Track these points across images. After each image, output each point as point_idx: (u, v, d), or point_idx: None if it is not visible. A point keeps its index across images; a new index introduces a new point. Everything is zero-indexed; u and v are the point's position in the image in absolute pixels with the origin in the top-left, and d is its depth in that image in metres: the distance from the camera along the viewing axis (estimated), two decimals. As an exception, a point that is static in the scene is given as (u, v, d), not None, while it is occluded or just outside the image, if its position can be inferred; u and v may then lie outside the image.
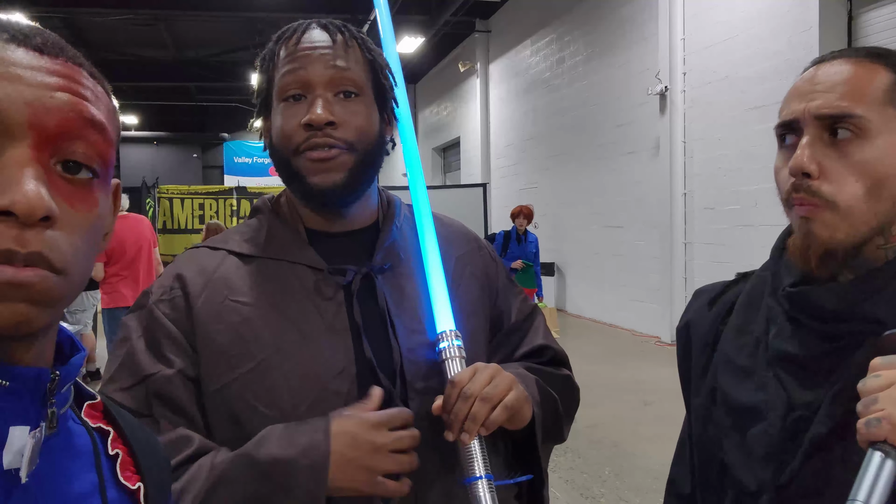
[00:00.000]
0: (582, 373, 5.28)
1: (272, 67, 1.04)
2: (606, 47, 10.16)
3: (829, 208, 0.83)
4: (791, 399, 0.87)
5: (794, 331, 0.90)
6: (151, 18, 13.21)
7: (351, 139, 1.00)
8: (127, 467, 0.62)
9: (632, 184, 9.48)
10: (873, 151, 0.82)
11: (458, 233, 1.22)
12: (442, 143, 18.69)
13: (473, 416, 0.95)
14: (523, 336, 1.20)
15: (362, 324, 1.02)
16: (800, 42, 6.38)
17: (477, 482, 0.94)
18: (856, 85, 0.83)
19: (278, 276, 1.03)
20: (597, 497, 4.16)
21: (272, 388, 0.97)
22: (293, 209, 1.09)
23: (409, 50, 14.00)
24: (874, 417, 0.72)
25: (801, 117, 0.86)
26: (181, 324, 1.00)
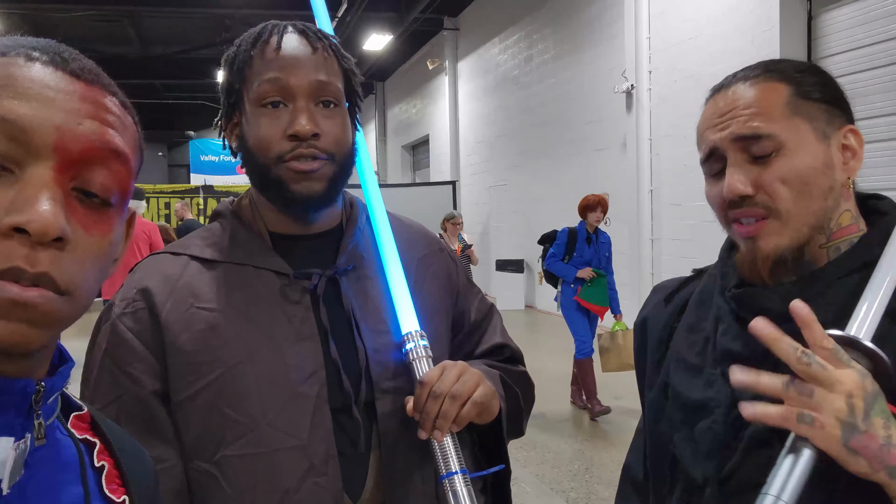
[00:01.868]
0: (553, 370, 5.33)
1: (246, 69, 1.02)
2: (574, 45, 10.24)
3: (771, 216, 0.88)
4: (735, 396, 0.89)
5: (740, 330, 0.92)
6: (116, 14, 13.02)
7: (332, 150, 1.01)
8: (113, 480, 0.62)
9: (601, 180, 9.56)
10: (795, 159, 0.88)
11: (420, 234, 1.24)
12: (411, 141, 18.68)
13: (444, 414, 0.97)
14: (482, 335, 1.23)
15: (329, 327, 1.03)
16: (762, 41, 6.50)
17: (453, 477, 0.96)
18: (759, 105, 0.89)
19: (244, 282, 1.03)
20: (566, 491, 4.21)
21: (242, 393, 0.97)
22: (256, 213, 1.09)
23: (378, 47, 13.98)
24: (810, 415, 0.75)
25: (720, 144, 0.91)
26: (145, 336, 0.99)
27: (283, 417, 0.97)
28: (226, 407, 0.96)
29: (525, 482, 4.33)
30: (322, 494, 0.97)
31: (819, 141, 0.89)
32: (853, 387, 0.75)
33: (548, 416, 5.68)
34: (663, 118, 8.18)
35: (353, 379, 1.02)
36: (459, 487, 0.96)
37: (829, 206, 0.89)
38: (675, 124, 7.92)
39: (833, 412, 0.74)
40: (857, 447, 0.74)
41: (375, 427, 1.03)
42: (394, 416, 1.03)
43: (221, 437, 0.96)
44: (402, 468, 1.03)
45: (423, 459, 1.04)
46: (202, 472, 0.97)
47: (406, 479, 1.03)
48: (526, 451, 4.85)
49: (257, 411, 0.96)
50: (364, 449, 1.02)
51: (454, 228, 7.34)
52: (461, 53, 14.93)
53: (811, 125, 0.89)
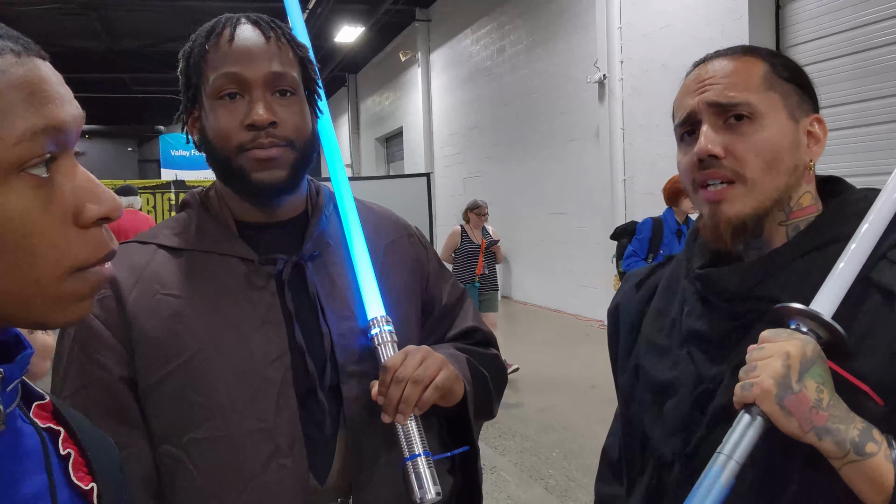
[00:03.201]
0: (531, 360, 5.38)
1: (202, 63, 1.04)
2: (547, 36, 10.27)
3: (738, 181, 0.92)
4: (699, 374, 0.95)
5: (704, 310, 0.98)
6: (82, 8, 12.78)
7: (291, 137, 1.03)
8: (80, 468, 0.62)
9: (575, 171, 9.62)
10: (766, 132, 0.92)
11: (388, 220, 1.26)
12: (384, 133, 18.61)
13: (406, 398, 0.99)
14: (454, 319, 1.25)
15: (294, 312, 1.05)
16: (732, 31, 6.57)
17: (416, 459, 0.99)
18: (739, 76, 0.95)
19: (210, 269, 1.05)
20: (546, 478, 4.25)
21: (208, 378, 0.99)
22: (222, 202, 1.11)
23: (349, 39, 13.89)
24: (748, 382, 0.81)
25: (696, 108, 0.96)
26: (112, 324, 1.01)
27: (249, 401, 0.99)
28: (192, 392, 0.99)
29: (504, 470, 4.37)
30: (288, 476, 0.99)
31: (789, 120, 0.94)
32: (792, 350, 0.80)
33: (526, 406, 5.71)
34: (636, 108, 8.24)
35: (318, 363, 1.04)
36: (422, 469, 0.98)
37: (790, 183, 0.94)
38: (647, 114, 7.98)
39: (770, 372, 0.80)
40: (790, 406, 0.79)
41: (342, 410, 1.05)
42: (360, 400, 1.05)
43: (188, 422, 0.98)
44: (368, 451, 1.05)
45: (388, 442, 1.06)
46: (170, 456, 0.99)
47: (372, 461, 1.06)
48: (505, 440, 4.89)
49: (223, 395, 0.99)
50: (330, 432, 1.04)
51: (478, 220, 6.70)
52: (433, 45, 14.89)
53: (784, 102, 0.95)
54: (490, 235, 6.72)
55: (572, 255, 9.83)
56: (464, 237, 6.61)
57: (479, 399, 1.14)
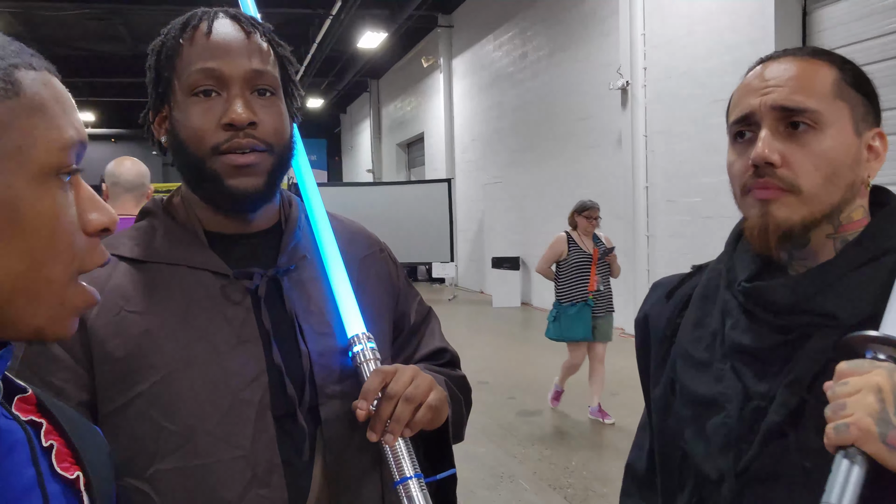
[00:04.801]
0: (549, 366, 5.32)
1: (176, 58, 0.96)
2: (568, 42, 10.24)
3: (792, 193, 0.87)
4: (747, 390, 0.90)
5: (749, 324, 0.93)
6: (106, 12, 12.95)
7: (270, 140, 0.96)
8: (64, 458, 0.62)
9: (595, 177, 9.57)
10: (828, 142, 0.87)
11: (360, 235, 1.20)
12: (406, 139, 18.67)
13: (398, 417, 0.93)
14: (421, 338, 1.19)
15: (271, 329, 0.98)
16: (757, 37, 6.50)
17: (408, 482, 0.93)
18: (806, 80, 0.88)
19: (179, 283, 0.97)
20: (564, 487, 4.20)
21: (178, 402, 0.91)
22: (190, 210, 1.02)
23: (372, 45, 13.95)
24: (843, 423, 0.74)
25: (757, 111, 0.89)
26: (70, 344, 0.91)
27: (223, 426, 0.91)
28: (160, 417, 0.90)
29: (523, 479, 4.33)
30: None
31: (854, 133, 0.89)
32: (882, 382, 0.75)
33: (545, 415, 5.67)
34: (658, 115, 8.18)
35: (296, 384, 0.97)
36: (415, 492, 0.92)
37: (845, 198, 0.89)
38: (669, 121, 7.92)
39: (864, 410, 0.73)
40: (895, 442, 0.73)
41: (320, 433, 0.98)
42: (339, 422, 0.98)
43: (155, 451, 0.90)
44: (347, 475, 0.99)
45: (369, 465, 1.01)
46: (133, 490, 0.90)
47: (352, 485, 1.00)
48: (523, 448, 4.85)
49: (195, 420, 0.90)
50: (308, 456, 0.97)
51: (588, 224, 5.42)
52: (455, 51, 14.91)
53: (851, 113, 0.89)
54: (603, 243, 5.49)
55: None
56: (571, 246, 5.42)
57: (456, 422, 1.09)
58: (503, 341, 9.02)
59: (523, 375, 7.01)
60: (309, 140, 24.53)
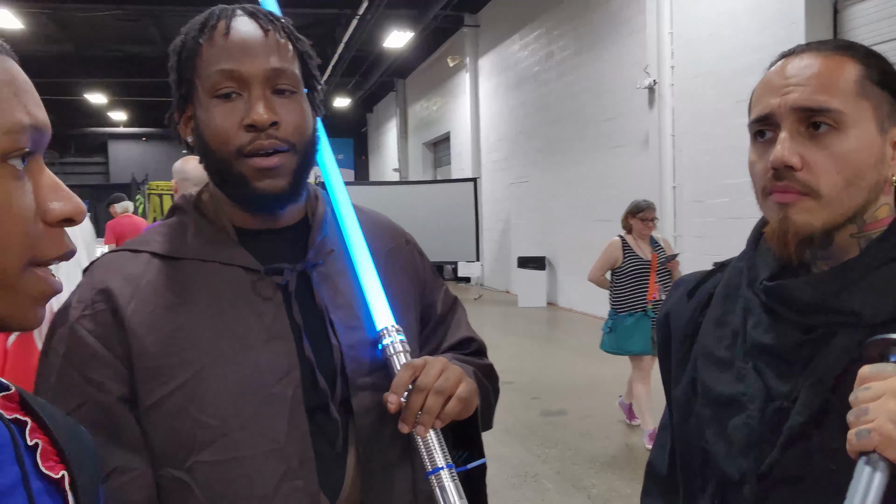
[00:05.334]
0: (574, 366, 5.32)
1: (196, 59, 0.97)
2: (595, 41, 10.19)
3: (811, 196, 0.85)
4: (770, 390, 0.90)
5: (772, 322, 0.92)
6: (138, 14, 13.14)
7: (292, 139, 0.97)
8: (49, 457, 0.60)
9: (621, 177, 9.51)
10: (851, 143, 0.84)
11: (386, 227, 1.21)
12: (432, 138, 18.70)
13: (429, 409, 0.94)
14: (448, 328, 1.20)
15: (302, 324, 0.99)
16: (786, 35, 6.42)
17: (440, 472, 0.94)
18: (828, 78, 0.85)
19: (211, 279, 0.98)
20: (588, 487, 4.20)
21: (213, 396, 0.93)
22: (219, 207, 1.04)
23: (398, 45, 14.00)
24: (864, 428, 0.73)
25: (777, 111, 0.87)
26: (109, 340, 0.93)
27: (257, 420, 0.93)
28: (196, 411, 0.92)
29: (546, 478, 4.34)
30: (299, 498, 0.94)
31: (878, 132, 0.86)
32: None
33: (569, 414, 5.66)
34: (685, 114, 8.12)
35: (328, 377, 0.99)
36: (447, 482, 0.94)
37: (869, 199, 0.87)
38: (697, 120, 7.85)
39: (888, 415, 0.72)
40: None
41: (352, 425, 1.00)
42: (370, 413, 1.00)
43: (192, 444, 0.92)
44: (379, 465, 1.01)
45: (400, 455, 1.03)
46: (173, 481, 0.92)
47: (384, 475, 1.01)
48: (547, 448, 4.85)
49: (229, 414, 0.92)
50: (341, 448, 0.99)
51: (643, 227, 4.95)
52: (481, 50, 14.91)
53: (875, 112, 0.86)
54: (661, 246, 5.09)
55: (618, 263, 9.71)
56: (626, 252, 4.95)
57: (484, 411, 1.11)
58: (528, 341, 9.01)
59: (548, 376, 7.00)
60: (336, 139, 24.66)
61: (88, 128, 24.76)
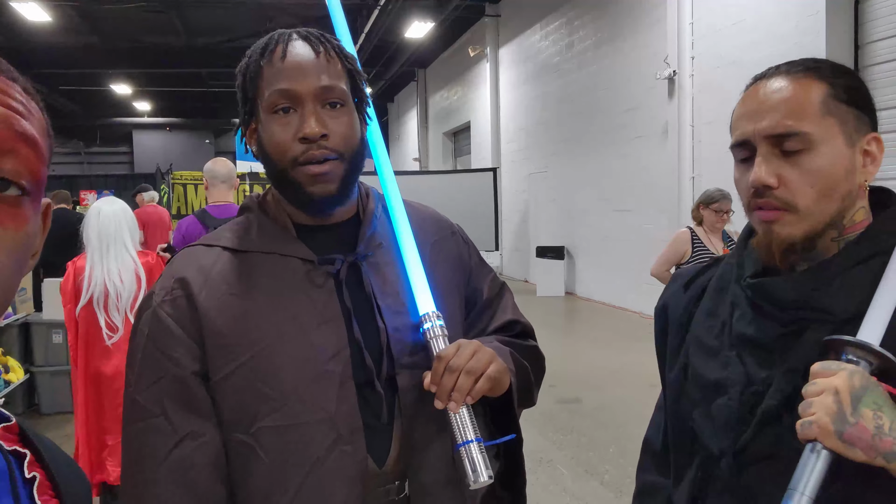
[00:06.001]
0: (591, 355, 5.36)
1: (258, 80, 1.09)
2: (615, 31, 10.17)
3: (790, 211, 0.94)
4: (749, 376, 0.99)
5: (755, 316, 1.01)
6: (163, 6, 13.29)
7: (341, 149, 1.08)
8: (45, 491, 0.60)
9: (641, 168, 9.51)
10: (821, 160, 0.93)
11: (432, 220, 1.32)
12: (452, 128, 18.73)
13: (460, 387, 1.05)
14: (494, 312, 1.31)
15: (352, 308, 1.11)
16: (807, 26, 6.40)
17: (469, 445, 1.04)
18: (795, 102, 0.94)
19: (272, 269, 1.12)
20: (601, 474, 4.27)
21: (274, 372, 1.05)
22: (280, 206, 1.17)
23: (419, 35, 14.03)
24: (807, 420, 0.85)
25: (751, 137, 0.96)
26: (184, 322, 1.07)
27: (312, 393, 1.05)
28: (260, 384, 1.05)
29: (561, 464, 4.41)
30: (348, 462, 1.06)
31: (846, 146, 0.94)
32: (839, 384, 0.84)
33: (584, 403, 5.73)
34: (705, 105, 8.10)
35: (374, 356, 1.10)
36: (475, 454, 1.03)
37: (845, 206, 0.95)
38: (717, 111, 7.83)
39: (823, 410, 0.84)
40: (851, 439, 0.83)
41: (397, 399, 1.11)
42: (413, 390, 1.12)
43: (256, 411, 1.05)
44: (421, 437, 1.12)
45: (440, 429, 1.13)
46: (240, 444, 1.06)
47: (425, 446, 1.12)
48: (563, 435, 4.93)
49: (288, 387, 1.05)
50: (387, 420, 1.11)
51: (717, 219, 4.48)
52: (502, 40, 14.90)
53: (842, 128, 0.94)
54: (734, 242, 4.32)
55: (636, 253, 9.72)
56: (696, 245, 4.49)
57: (522, 389, 1.21)
58: (546, 331, 9.06)
59: (565, 364, 7.06)
60: (356, 129, 24.83)
61: (114, 118, 25.08)
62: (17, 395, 5.54)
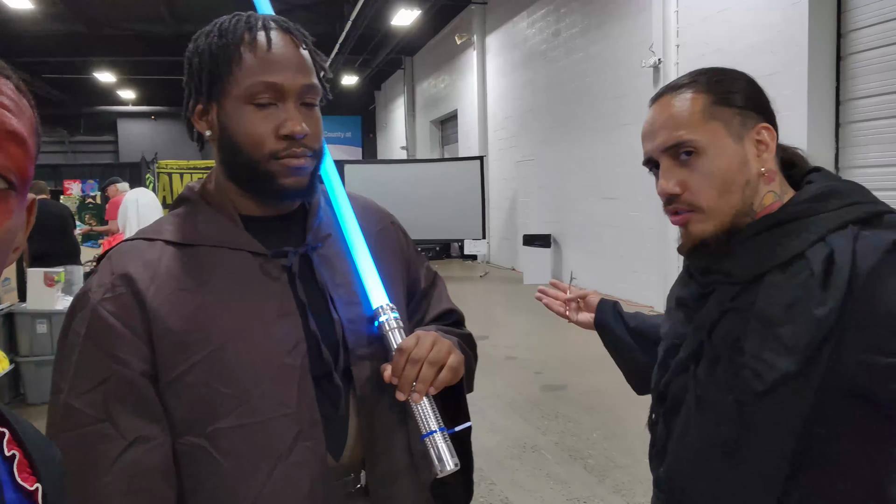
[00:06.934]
0: (576, 342, 5.42)
1: (234, 64, 1.05)
2: (602, 19, 10.18)
3: (696, 212, 1.08)
4: (675, 331, 1.17)
5: (686, 281, 1.20)
6: (147, -8, 13.16)
7: (315, 146, 1.09)
8: (24, 468, 0.61)
9: (628, 155, 9.55)
10: (713, 161, 1.06)
11: (373, 210, 1.32)
12: (439, 116, 18.71)
13: (423, 378, 1.06)
14: (430, 301, 1.34)
15: (307, 301, 1.11)
16: (792, 14, 6.43)
17: (434, 435, 1.06)
18: (681, 116, 1.08)
19: (223, 263, 1.08)
20: (585, 458, 4.32)
21: (233, 369, 1.02)
22: (224, 196, 1.13)
23: (406, 23, 13.97)
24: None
25: (653, 154, 1.11)
26: (130, 321, 1.01)
27: (273, 388, 1.04)
28: (217, 383, 1.02)
29: (545, 449, 4.46)
30: (310, 456, 1.05)
31: (735, 143, 1.06)
32: None
33: (570, 389, 5.78)
34: (691, 93, 8.12)
35: (331, 348, 1.10)
36: (440, 443, 1.05)
37: (747, 195, 1.07)
38: (702, 99, 7.85)
39: None
40: None
41: (353, 391, 1.12)
42: (370, 381, 1.12)
43: (213, 411, 1.02)
44: (378, 427, 1.13)
45: (397, 419, 1.14)
46: (193, 447, 1.02)
47: (383, 436, 1.13)
48: (547, 421, 4.97)
49: (249, 384, 1.03)
50: (344, 412, 1.11)
51: None
52: (489, 28, 14.88)
53: (726, 128, 1.06)
54: None
55: (623, 240, 9.79)
56: None
57: (468, 377, 1.24)
58: (532, 318, 9.12)
59: (551, 351, 7.12)
60: (344, 117, 24.66)
61: (98, 106, 24.86)
62: (3, 384, 5.53)
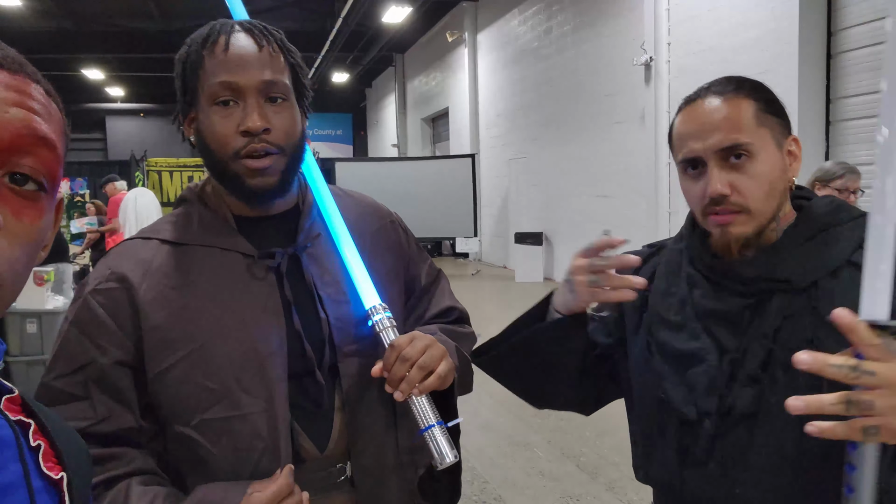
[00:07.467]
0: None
1: (199, 70, 1.09)
2: (594, 17, 10.18)
3: (743, 213, 1.09)
4: (722, 345, 1.11)
5: (717, 292, 1.14)
6: (136, -11, 13.08)
7: (282, 143, 1.09)
8: (49, 458, 0.63)
9: (619, 153, 9.57)
10: (762, 165, 1.08)
11: (371, 209, 1.34)
12: (431, 114, 18.68)
13: (409, 380, 1.08)
14: (431, 298, 1.36)
15: (293, 300, 1.13)
16: (782, 12, 6.45)
17: (432, 429, 1.08)
18: (735, 119, 1.08)
19: (213, 263, 1.13)
20: (577, 456, 4.33)
21: (216, 365, 1.07)
22: (220, 198, 1.17)
23: (397, 20, 13.95)
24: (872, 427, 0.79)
25: (702, 154, 1.10)
26: (119, 315, 1.07)
27: (254, 384, 1.08)
28: (201, 377, 1.07)
29: (537, 447, 4.46)
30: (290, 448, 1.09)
31: (777, 150, 1.10)
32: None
33: (562, 386, 5.77)
34: (681, 91, 8.06)
35: (315, 346, 1.13)
36: (439, 437, 1.08)
37: (781, 201, 1.12)
38: (693, 96, 7.87)
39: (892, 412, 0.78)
40: None
41: (339, 387, 1.14)
42: (356, 377, 1.15)
43: (197, 404, 1.07)
44: (363, 421, 1.15)
45: (383, 413, 1.17)
46: (182, 436, 1.08)
47: (367, 430, 1.16)
48: (540, 419, 4.97)
49: (231, 380, 1.07)
50: (328, 406, 1.14)
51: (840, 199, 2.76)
52: (480, 25, 14.86)
53: (772, 135, 1.10)
54: None
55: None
56: None
57: (464, 382, 1.26)
58: (524, 316, 9.12)
59: (543, 349, 7.10)
60: (335, 114, 24.58)
61: (86, 104, 24.70)
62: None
